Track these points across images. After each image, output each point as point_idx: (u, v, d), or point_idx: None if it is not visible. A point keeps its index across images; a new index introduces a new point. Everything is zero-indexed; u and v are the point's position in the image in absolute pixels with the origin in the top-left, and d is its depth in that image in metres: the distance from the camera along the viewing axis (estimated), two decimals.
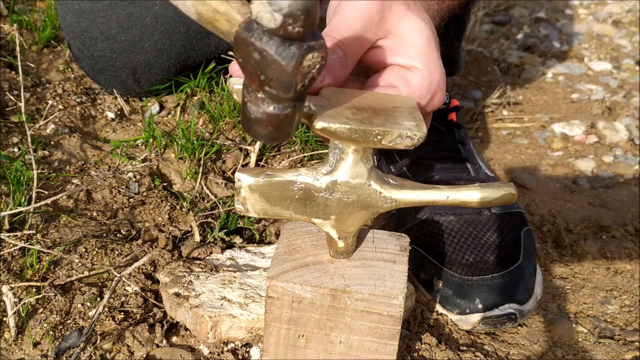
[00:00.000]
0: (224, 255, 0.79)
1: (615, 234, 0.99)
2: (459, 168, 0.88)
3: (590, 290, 0.87)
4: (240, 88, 0.47)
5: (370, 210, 0.52)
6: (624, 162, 1.24)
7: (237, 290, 0.71)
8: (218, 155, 0.99)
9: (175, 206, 0.88)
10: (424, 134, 0.47)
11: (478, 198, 0.52)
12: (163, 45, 0.98)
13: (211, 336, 0.67)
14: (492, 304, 0.74)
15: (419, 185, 0.52)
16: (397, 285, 0.53)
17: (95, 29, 0.97)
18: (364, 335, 0.54)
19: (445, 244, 0.78)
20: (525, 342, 0.76)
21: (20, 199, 0.80)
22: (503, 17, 1.88)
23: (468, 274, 0.75)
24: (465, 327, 0.76)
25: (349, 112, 0.48)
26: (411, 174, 0.90)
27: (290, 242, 0.57)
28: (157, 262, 0.77)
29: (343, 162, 0.49)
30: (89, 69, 1.03)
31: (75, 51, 1.02)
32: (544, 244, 0.96)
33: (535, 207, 1.06)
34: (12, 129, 0.94)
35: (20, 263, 0.73)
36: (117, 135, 1.02)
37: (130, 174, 0.91)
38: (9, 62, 1.07)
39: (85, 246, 0.77)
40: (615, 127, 1.35)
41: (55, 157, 0.92)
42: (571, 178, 1.18)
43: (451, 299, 0.75)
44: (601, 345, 0.77)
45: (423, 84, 0.55)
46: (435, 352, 0.69)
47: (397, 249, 0.58)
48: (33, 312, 0.69)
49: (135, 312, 0.71)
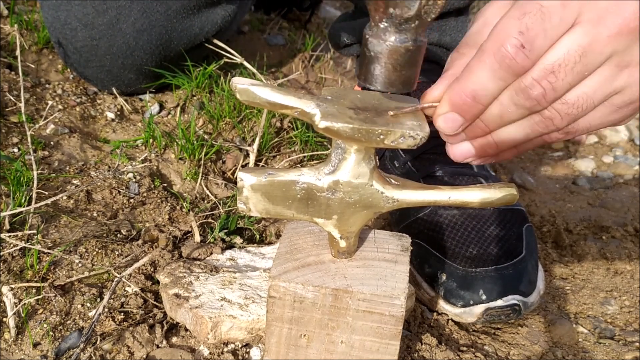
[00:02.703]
0: (224, 255, 0.79)
1: (615, 235, 0.99)
2: (462, 164, 0.89)
3: (590, 290, 0.87)
4: (243, 87, 0.47)
5: (372, 210, 0.52)
6: (624, 163, 1.24)
7: (237, 290, 0.71)
8: (218, 156, 0.99)
9: (175, 206, 0.88)
10: (427, 133, 0.47)
11: (479, 198, 0.52)
12: (142, 25, 0.98)
13: (211, 337, 0.67)
14: (496, 294, 0.74)
15: (420, 186, 0.52)
16: (399, 285, 0.53)
17: (73, 18, 0.97)
18: (365, 335, 0.54)
19: (449, 237, 0.79)
20: (526, 342, 0.76)
21: (21, 199, 0.79)
22: None
23: (472, 266, 0.75)
24: (469, 319, 0.75)
25: (352, 111, 0.48)
26: (415, 168, 0.90)
27: (292, 242, 0.57)
28: (157, 262, 0.77)
29: (345, 162, 0.49)
30: (76, 64, 1.03)
31: (61, 49, 1.02)
32: (544, 244, 0.96)
33: (535, 208, 1.06)
34: (12, 129, 0.94)
35: (20, 263, 0.73)
36: (117, 135, 1.02)
37: (130, 175, 0.91)
38: (8, 63, 1.07)
39: (86, 246, 0.77)
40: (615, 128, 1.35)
41: (55, 158, 0.92)
42: (571, 178, 1.19)
43: (455, 292, 0.76)
44: (601, 345, 0.77)
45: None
46: (436, 352, 0.69)
47: (398, 249, 0.58)
48: (33, 313, 0.69)
49: (135, 312, 0.71)
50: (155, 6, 0.98)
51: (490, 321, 0.76)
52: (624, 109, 0.47)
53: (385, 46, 0.44)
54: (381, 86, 0.46)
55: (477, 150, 0.51)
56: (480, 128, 0.49)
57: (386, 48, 0.44)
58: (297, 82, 1.29)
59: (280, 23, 1.49)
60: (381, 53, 0.44)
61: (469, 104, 0.47)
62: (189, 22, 1.01)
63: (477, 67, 0.45)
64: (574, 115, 0.47)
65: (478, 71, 0.45)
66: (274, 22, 1.48)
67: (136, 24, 0.97)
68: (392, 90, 0.46)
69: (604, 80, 0.45)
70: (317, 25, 1.56)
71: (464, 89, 0.46)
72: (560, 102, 0.46)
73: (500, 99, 0.47)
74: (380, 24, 0.43)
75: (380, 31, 0.44)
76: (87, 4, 0.96)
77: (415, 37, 0.43)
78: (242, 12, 1.15)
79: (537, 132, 0.48)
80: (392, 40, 0.43)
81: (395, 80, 0.45)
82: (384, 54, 0.44)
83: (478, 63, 0.45)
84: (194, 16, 1.02)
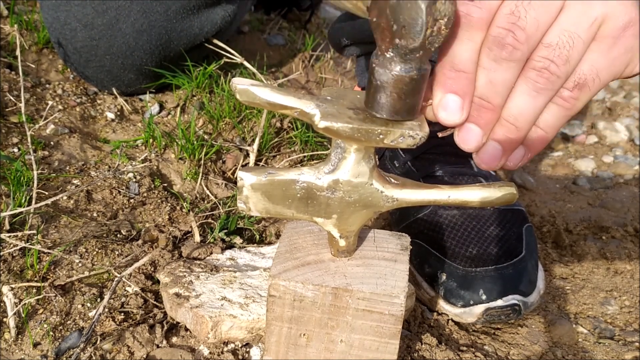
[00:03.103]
0: (224, 255, 0.79)
1: (615, 235, 0.99)
2: (462, 163, 0.89)
3: (590, 290, 0.87)
4: (243, 88, 0.47)
5: (372, 210, 0.52)
6: (624, 163, 1.24)
7: (238, 290, 0.71)
8: (218, 156, 0.99)
9: (175, 206, 0.88)
10: (426, 133, 0.47)
11: (479, 198, 0.52)
12: (141, 25, 0.98)
13: (211, 336, 0.67)
14: (496, 294, 0.74)
15: (420, 185, 0.52)
16: (399, 284, 0.53)
17: (73, 19, 0.97)
18: (365, 334, 0.54)
19: (449, 237, 0.79)
20: (525, 342, 0.76)
21: (21, 199, 0.79)
22: None
23: (472, 266, 0.75)
24: (469, 319, 0.75)
25: (352, 111, 0.48)
26: (415, 168, 0.90)
27: (291, 241, 0.57)
28: (157, 262, 0.77)
29: (345, 161, 0.49)
30: (76, 65, 1.03)
31: (61, 49, 1.02)
32: (544, 245, 0.96)
33: (535, 208, 1.06)
34: (12, 130, 0.94)
35: (20, 263, 0.73)
36: (117, 135, 1.02)
37: (130, 175, 0.91)
38: (8, 63, 1.07)
39: (86, 246, 0.77)
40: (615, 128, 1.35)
41: (55, 158, 0.92)
42: (571, 178, 1.19)
43: (455, 291, 0.76)
44: (601, 345, 0.77)
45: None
46: (436, 352, 0.69)
47: (398, 248, 0.58)
48: (33, 313, 0.69)
49: (135, 312, 0.71)
50: (154, 6, 0.98)
51: (490, 321, 0.76)
52: (622, 39, 0.45)
53: (390, 76, 0.45)
54: (387, 114, 0.47)
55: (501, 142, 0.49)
56: (484, 108, 0.48)
57: (392, 78, 0.45)
58: (297, 82, 1.29)
59: (280, 23, 1.49)
60: (387, 82, 0.45)
61: (453, 76, 0.46)
62: (188, 22, 1.02)
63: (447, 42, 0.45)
64: (565, 58, 0.45)
65: (448, 44, 0.46)
66: (274, 22, 1.48)
67: (136, 24, 0.98)
68: (397, 118, 0.47)
69: (577, 12, 0.44)
70: (317, 25, 1.57)
71: (443, 65, 0.46)
72: (543, 46, 0.45)
73: (480, 63, 0.46)
74: (386, 54, 0.45)
75: (386, 60, 0.45)
76: (86, 5, 0.96)
77: (420, 65, 0.44)
78: (242, 12, 1.15)
79: (545, 93, 0.46)
80: (397, 70, 0.44)
81: (400, 108, 0.46)
82: (389, 83, 0.45)
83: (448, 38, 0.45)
84: (193, 16, 1.02)
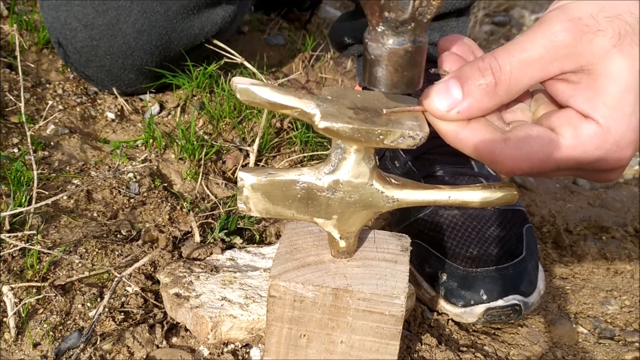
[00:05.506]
0: (224, 255, 0.79)
1: (615, 235, 0.99)
2: (463, 163, 0.89)
3: (590, 290, 0.87)
4: (243, 87, 0.47)
5: (372, 210, 0.52)
6: None
7: (238, 290, 0.71)
8: (218, 156, 0.99)
9: (175, 207, 0.88)
10: (426, 134, 0.47)
11: (479, 198, 0.52)
12: (141, 25, 0.98)
13: (211, 337, 0.67)
14: (497, 294, 0.74)
15: (420, 185, 0.52)
16: (399, 284, 0.53)
17: (73, 19, 0.97)
18: (365, 335, 0.54)
19: (450, 237, 0.79)
20: (525, 343, 0.76)
21: (21, 199, 0.79)
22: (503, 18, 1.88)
23: (472, 266, 0.75)
24: (470, 319, 0.75)
25: (352, 111, 0.48)
26: (415, 168, 0.90)
27: (292, 242, 0.57)
28: (157, 262, 0.77)
29: (345, 162, 0.49)
30: (76, 64, 1.03)
31: (61, 49, 1.02)
32: (544, 245, 0.96)
33: (535, 208, 1.06)
34: (12, 130, 0.94)
35: (20, 263, 0.73)
36: (117, 135, 1.02)
37: (130, 175, 0.91)
38: (8, 63, 1.07)
39: (86, 247, 0.77)
40: None
41: (55, 158, 0.92)
42: (571, 178, 1.19)
43: (456, 291, 0.76)
44: (601, 345, 0.77)
45: (593, 139, 0.46)
46: (436, 352, 0.69)
47: (398, 249, 0.58)
48: (33, 313, 0.69)
49: (135, 312, 0.71)
50: (155, 6, 0.98)
51: (490, 321, 0.76)
52: None
53: (384, 49, 0.44)
54: (385, 88, 0.46)
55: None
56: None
57: (385, 51, 0.44)
58: (297, 82, 1.29)
59: (280, 23, 1.49)
60: (381, 56, 0.45)
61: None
62: (188, 23, 1.02)
63: None
64: None
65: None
66: (274, 22, 1.48)
67: (136, 25, 0.98)
68: (396, 92, 0.46)
69: None
70: (317, 25, 1.56)
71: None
72: None
73: None
74: (377, 28, 0.44)
75: (378, 35, 0.44)
76: (87, 5, 0.96)
77: (414, 38, 0.44)
78: (242, 12, 1.15)
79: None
80: (390, 43, 0.44)
81: (398, 81, 0.46)
82: (383, 57, 0.45)
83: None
84: (193, 16, 1.02)
